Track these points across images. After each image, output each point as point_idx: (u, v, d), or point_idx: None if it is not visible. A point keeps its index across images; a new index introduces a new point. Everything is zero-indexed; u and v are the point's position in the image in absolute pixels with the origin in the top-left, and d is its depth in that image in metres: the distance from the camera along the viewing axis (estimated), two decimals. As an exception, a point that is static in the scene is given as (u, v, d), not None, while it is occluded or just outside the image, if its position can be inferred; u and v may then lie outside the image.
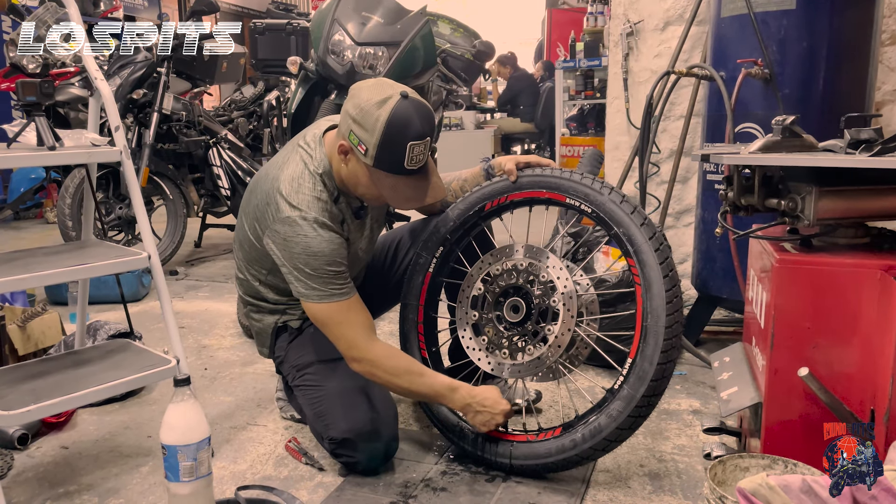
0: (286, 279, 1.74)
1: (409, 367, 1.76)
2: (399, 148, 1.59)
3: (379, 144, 1.59)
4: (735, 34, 2.43)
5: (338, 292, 1.70)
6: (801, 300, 1.46)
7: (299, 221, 1.67)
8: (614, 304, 2.41)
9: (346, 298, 1.71)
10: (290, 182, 1.71)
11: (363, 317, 1.74)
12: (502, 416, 1.74)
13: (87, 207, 2.08)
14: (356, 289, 1.76)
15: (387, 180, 1.65)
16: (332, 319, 1.71)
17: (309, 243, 1.67)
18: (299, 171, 1.72)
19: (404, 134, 1.58)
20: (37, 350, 2.36)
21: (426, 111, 1.63)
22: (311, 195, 1.70)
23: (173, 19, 9.52)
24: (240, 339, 2.93)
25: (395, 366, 1.74)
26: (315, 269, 1.67)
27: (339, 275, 1.70)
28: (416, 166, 1.63)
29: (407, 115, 1.58)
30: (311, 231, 1.67)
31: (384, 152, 1.60)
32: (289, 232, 1.68)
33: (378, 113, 1.58)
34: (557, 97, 5.77)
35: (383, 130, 1.58)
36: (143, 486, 1.77)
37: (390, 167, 1.63)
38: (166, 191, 4.08)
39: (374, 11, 3.00)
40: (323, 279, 1.68)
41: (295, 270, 1.69)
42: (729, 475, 1.41)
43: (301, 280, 1.69)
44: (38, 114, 1.77)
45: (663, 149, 3.23)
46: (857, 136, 1.49)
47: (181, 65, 4.36)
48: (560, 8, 9.23)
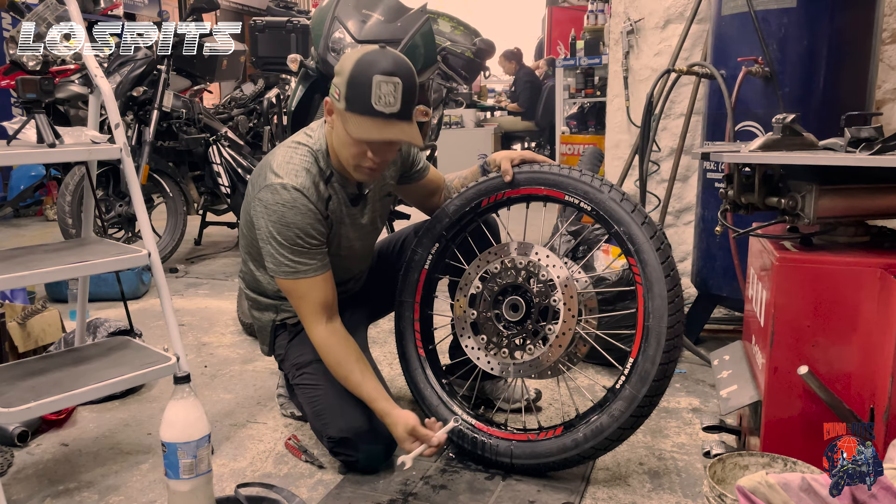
0: (262, 254, 1.75)
1: (340, 363, 1.75)
2: (365, 83, 1.59)
3: (348, 83, 1.60)
4: (736, 32, 2.43)
5: (304, 269, 1.71)
6: (800, 298, 1.46)
7: (279, 189, 1.68)
8: (614, 302, 2.41)
9: (311, 276, 1.72)
10: (283, 155, 1.74)
11: (321, 294, 1.74)
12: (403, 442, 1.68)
13: (87, 205, 2.08)
14: (360, 285, 1.75)
15: (355, 121, 1.62)
16: (294, 293, 1.74)
17: (285, 213, 1.68)
18: (294, 146, 1.76)
19: (370, 70, 1.59)
20: (37, 347, 2.37)
21: (400, 59, 1.63)
22: (301, 166, 1.72)
23: (173, 16, 9.51)
24: (240, 336, 2.94)
25: (331, 356, 1.75)
26: (286, 238, 1.68)
27: (309, 249, 1.71)
28: (386, 109, 1.60)
29: (377, 55, 1.61)
30: (290, 199, 1.68)
31: (352, 90, 1.60)
32: (269, 199, 1.69)
33: (352, 56, 1.63)
34: (558, 95, 5.76)
35: (351, 68, 1.60)
36: (143, 483, 1.78)
37: (359, 107, 1.61)
38: (166, 188, 4.08)
39: (374, 9, 3.00)
40: (293, 250, 1.69)
41: (269, 241, 1.70)
42: (728, 473, 1.41)
43: (271, 252, 1.71)
44: (38, 111, 1.77)
45: (663, 147, 3.23)
46: (858, 134, 1.49)
47: (181, 62, 4.36)
48: (560, 6, 9.21)
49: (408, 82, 1.62)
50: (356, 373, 1.74)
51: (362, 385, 1.74)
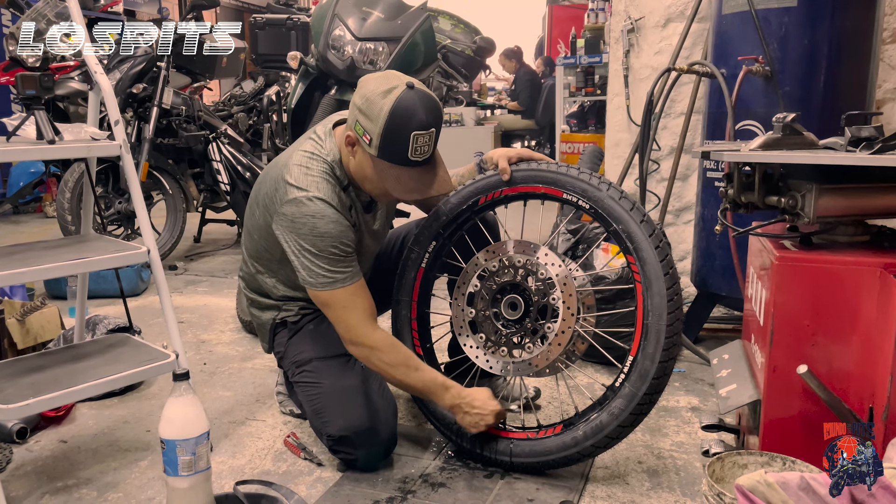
0: (294, 266, 1.73)
1: (406, 360, 1.75)
2: (402, 138, 1.59)
3: (383, 134, 1.59)
4: (736, 31, 2.42)
5: (341, 278, 1.69)
6: (800, 298, 1.46)
7: (305, 202, 1.67)
8: (613, 300, 2.41)
9: (350, 284, 1.70)
10: (298, 167, 1.72)
11: (366, 302, 1.74)
12: (492, 418, 1.73)
13: (87, 202, 2.08)
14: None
15: (391, 171, 1.65)
16: (337, 303, 1.71)
17: (316, 223, 1.66)
18: (308, 157, 1.73)
19: (408, 124, 1.58)
20: (36, 344, 2.36)
21: (432, 102, 1.62)
22: (320, 177, 1.70)
23: (173, 14, 9.49)
24: (239, 333, 2.93)
25: (393, 356, 1.74)
26: (321, 249, 1.67)
27: (345, 258, 1.70)
28: (421, 157, 1.63)
29: (411, 104, 1.58)
30: (318, 211, 1.67)
31: (387, 142, 1.60)
32: (296, 213, 1.67)
33: (382, 103, 1.59)
34: (558, 94, 5.76)
35: (387, 119, 1.58)
36: (142, 480, 1.77)
37: (394, 158, 1.62)
38: (166, 185, 4.08)
39: (374, 7, 3.00)
40: (329, 260, 1.68)
41: (302, 253, 1.68)
42: (727, 472, 1.41)
43: (306, 265, 1.68)
44: (37, 107, 1.76)
45: (664, 146, 3.23)
46: (858, 133, 1.49)
47: (181, 60, 4.35)
48: (561, 4, 9.21)
49: (438, 127, 1.64)
50: (422, 366, 1.76)
51: (430, 374, 1.76)
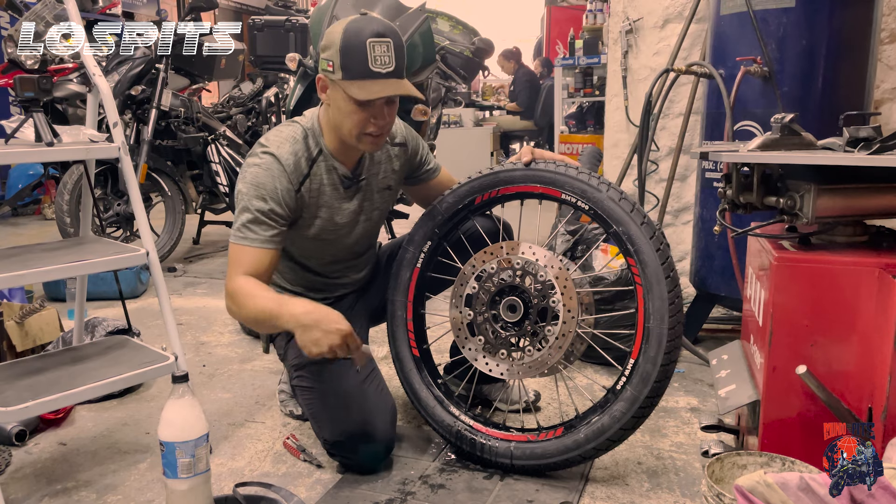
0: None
1: (250, 292, 1.63)
2: (359, 48, 1.60)
3: (341, 51, 1.62)
4: (734, 32, 2.43)
5: (252, 237, 1.66)
6: (799, 298, 1.46)
7: (259, 154, 1.71)
8: (612, 302, 2.41)
9: (254, 246, 1.66)
10: (274, 130, 1.77)
11: (255, 267, 1.66)
12: (339, 338, 1.53)
13: (86, 204, 2.08)
14: (363, 287, 1.72)
15: (355, 87, 1.63)
16: (232, 257, 1.68)
17: (257, 173, 1.69)
18: (286, 123, 1.79)
19: (360, 35, 1.61)
20: (35, 346, 2.36)
21: (384, 20, 1.66)
22: (286, 138, 1.74)
23: (172, 15, 9.49)
24: (238, 335, 2.93)
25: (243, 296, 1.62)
26: (248, 200, 1.67)
27: (266, 220, 1.66)
28: (384, 69, 1.62)
29: (363, 21, 1.63)
30: (263, 162, 1.70)
31: (346, 57, 1.62)
32: (248, 162, 1.73)
33: (336, 28, 1.65)
34: (556, 94, 5.77)
35: (342, 37, 1.62)
36: (141, 482, 1.77)
37: (356, 72, 1.62)
38: (165, 187, 4.08)
39: (373, 8, 2.99)
40: (248, 214, 1.66)
41: (239, 200, 1.69)
42: (727, 473, 1.41)
43: (237, 213, 1.69)
44: (35, 110, 1.76)
45: (662, 146, 3.23)
46: (856, 134, 1.49)
47: (180, 61, 4.35)
48: (559, 5, 9.22)
49: (397, 41, 1.65)
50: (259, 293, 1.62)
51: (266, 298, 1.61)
